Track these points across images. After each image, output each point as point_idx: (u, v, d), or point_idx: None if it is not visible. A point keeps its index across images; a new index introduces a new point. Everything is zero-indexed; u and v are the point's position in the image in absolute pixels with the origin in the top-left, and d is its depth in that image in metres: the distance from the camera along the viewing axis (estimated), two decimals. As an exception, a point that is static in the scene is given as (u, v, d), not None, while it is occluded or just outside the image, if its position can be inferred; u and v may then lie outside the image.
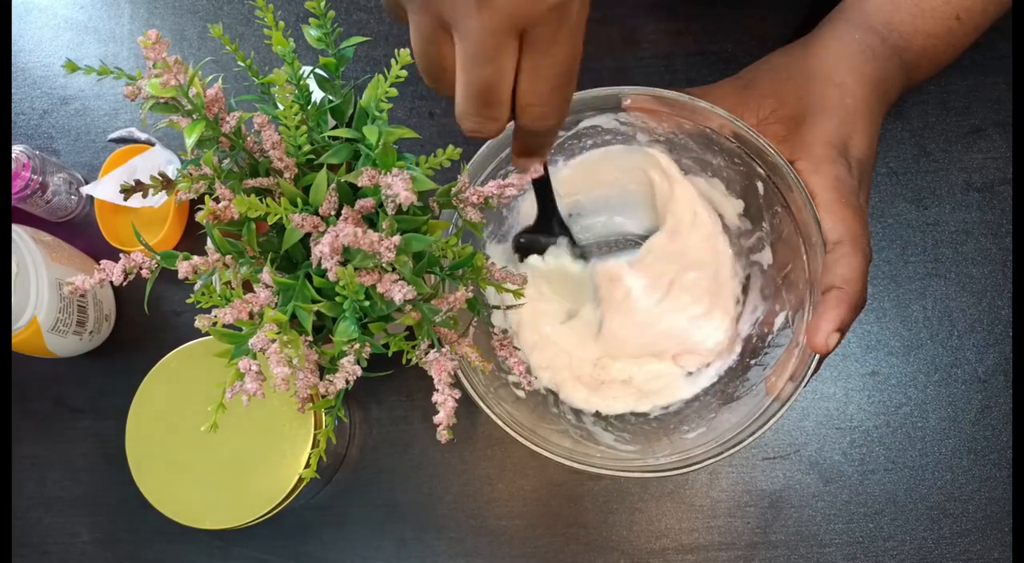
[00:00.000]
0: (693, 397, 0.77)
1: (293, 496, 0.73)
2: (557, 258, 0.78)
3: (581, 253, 0.79)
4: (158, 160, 0.87)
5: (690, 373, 0.78)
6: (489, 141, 0.68)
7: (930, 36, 0.73)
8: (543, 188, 0.70)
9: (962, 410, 0.83)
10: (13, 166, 0.84)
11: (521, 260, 0.79)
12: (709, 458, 0.64)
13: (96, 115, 0.94)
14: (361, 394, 0.86)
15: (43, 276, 0.78)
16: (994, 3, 0.74)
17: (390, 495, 0.85)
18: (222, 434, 0.73)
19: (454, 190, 0.58)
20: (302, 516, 0.85)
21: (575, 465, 0.63)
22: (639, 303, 0.78)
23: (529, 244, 0.78)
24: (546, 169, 0.64)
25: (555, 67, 0.48)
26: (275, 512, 0.73)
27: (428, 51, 0.49)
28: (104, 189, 0.86)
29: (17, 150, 0.85)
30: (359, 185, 0.54)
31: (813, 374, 0.64)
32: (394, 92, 0.56)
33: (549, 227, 0.77)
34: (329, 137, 0.60)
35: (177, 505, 0.73)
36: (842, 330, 0.62)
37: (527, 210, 0.78)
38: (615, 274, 0.78)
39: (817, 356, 0.64)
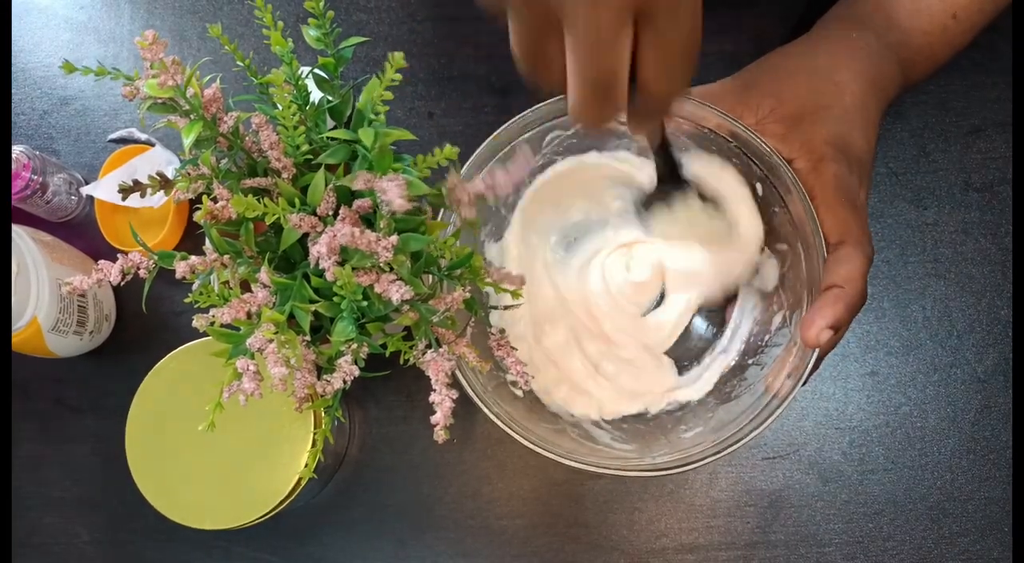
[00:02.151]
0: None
1: (293, 496, 0.73)
2: (688, 210, 0.73)
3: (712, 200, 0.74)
4: (158, 160, 0.87)
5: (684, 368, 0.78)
6: (486, 142, 0.68)
7: (927, 34, 0.73)
8: (664, 148, 0.66)
9: (961, 410, 0.83)
10: (13, 166, 0.84)
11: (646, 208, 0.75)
12: (707, 457, 0.64)
13: (96, 115, 0.94)
14: (360, 394, 0.86)
15: (43, 276, 0.78)
16: (991, 1, 0.74)
17: (390, 495, 0.85)
18: (222, 434, 0.73)
19: (445, 188, 0.58)
20: (302, 516, 0.85)
21: (573, 464, 0.63)
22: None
23: (654, 199, 0.73)
24: (663, 128, 0.63)
25: (680, 42, 0.47)
26: (275, 512, 0.73)
27: (534, 47, 0.47)
28: (104, 189, 0.86)
29: (17, 150, 0.85)
30: (354, 189, 0.54)
31: (811, 373, 0.64)
32: (389, 95, 0.56)
33: (676, 180, 0.71)
34: (327, 138, 0.60)
35: (177, 505, 0.73)
36: (837, 328, 0.62)
37: (531, 210, 0.78)
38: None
39: (815, 355, 0.63)
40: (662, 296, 0.79)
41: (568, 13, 0.43)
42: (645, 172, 0.75)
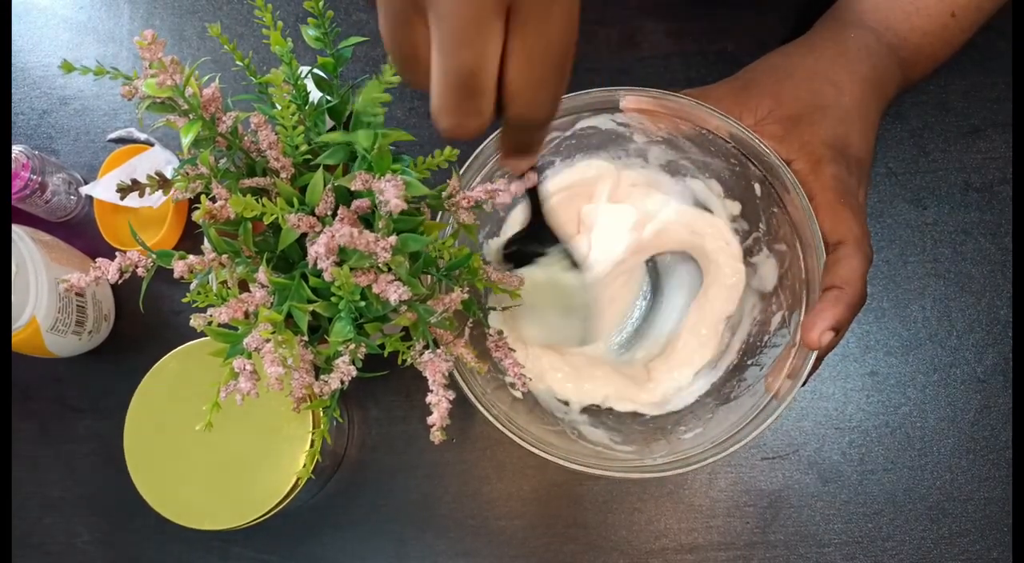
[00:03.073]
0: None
1: (292, 496, 0.73)
2: (547, 268, 0.68)
3: (574, 263, 0.69)
4: (157, 160, 0.87)
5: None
6: (486, 142, 0.67)
7: (926, 34, 0.73)
8: (533, 194, 0.62)
9: (961, 410, 0.83)
10: (12, 166, 0.84)
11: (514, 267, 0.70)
12: (706, 458, 0.64)
13: (95, 115, 0.94)
14: (359, 394, 0.86)
15: (42, 276, 0.78)
16: (989, 0, 0.74)
17: (389, 495, 0.85)
18: (221, 434, 0.73)
19: (444, 193, 0.58)
20: (301, 516, 0.85)
21: (572, 466, 0.63)
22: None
23: (520, 254, 0.69)
24: (538, 172, 0.58)
25: (549, 47, 0.43)
26: (274, 512, 0.73)
27: (399, 36, 0.43)
28: (103, 189, 0.86)
29: (16, 150, 0.85)
30: (352, 190, 0.54)
31: (811, 374, 0.64)
32: (387, 97, 0.56)
33: (541, 236, 0.66)
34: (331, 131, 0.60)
35: (176, 506, 0.73)
36: (837, 329, 0.62)
37: (516, 215, 0.78)
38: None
39: (815, 356, 0.64)
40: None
41: (431, 1, 0.40)
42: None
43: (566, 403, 0.76)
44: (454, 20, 0.40)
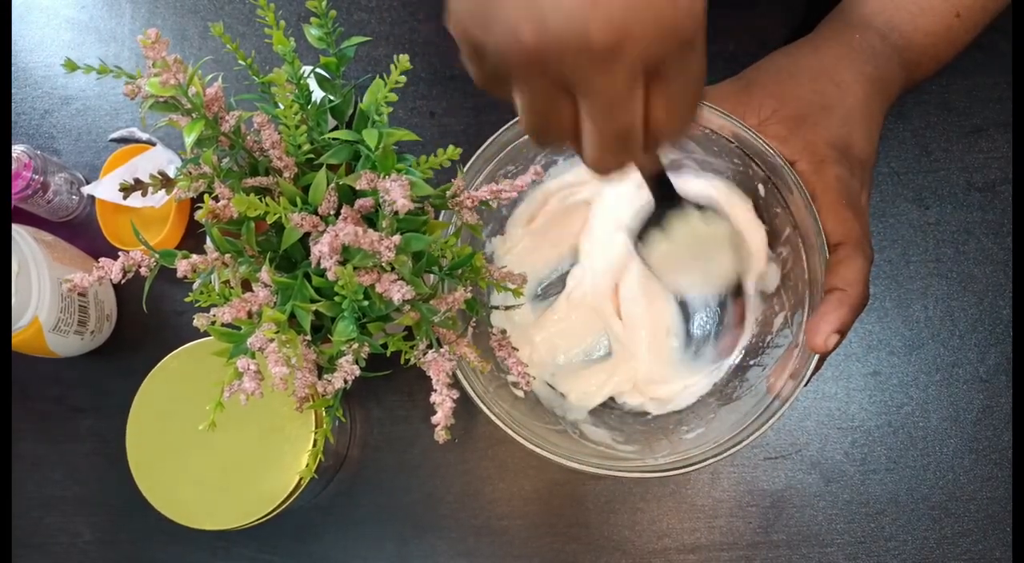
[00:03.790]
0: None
1: (294, 496, 0.73)
2: (687, 225, 0.70)
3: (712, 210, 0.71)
4: (159, 160, 0.87)
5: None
6: (487, 143, 0.68)
7: (930, 34, 0.73)
8: (659, 173, 0.64)
9: (964, 410, 0.83)
10: (14, 166, 0.84)
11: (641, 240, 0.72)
12: (708, 458, 0.64)
13: (97, 115, 0.94)
14: (362, 394, 0.86)
15: (44, 276, 0.78)
16: (994, 0, 0.74)
17: (391, 495, 0.85)
18: (223, 434, 0.73)
19: (449, 193, 0.58)
20: (303, 516, 0.85)
21: (575, 465, 0.63)
22: None
23: (649, 225, 0.70)
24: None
25: (688, 90, 0.47)
26: (276, 512, 0.73)
27: (547, 117, 0.46)
28: (105, 189, 0.86)
29: (18, 150, 0.85)
30: (357, 188, 0.54)
31: (813, 374, 0.64)
32: (394, 97, 0.56)
33: (671, 199, 0.68)
34: (330, 138, 0.60)
35: (178, 505, 0.73)
36: (842, 331, 0.62)
37: (522, 211, 0.78)
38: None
39: (817, 356, 0.63)
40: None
41: (580, 80, 0.43)
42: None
43: (563, 395, 0.76)
44: (606, 96, 0.43)
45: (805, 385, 0.64)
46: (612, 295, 0.78)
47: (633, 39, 0.40)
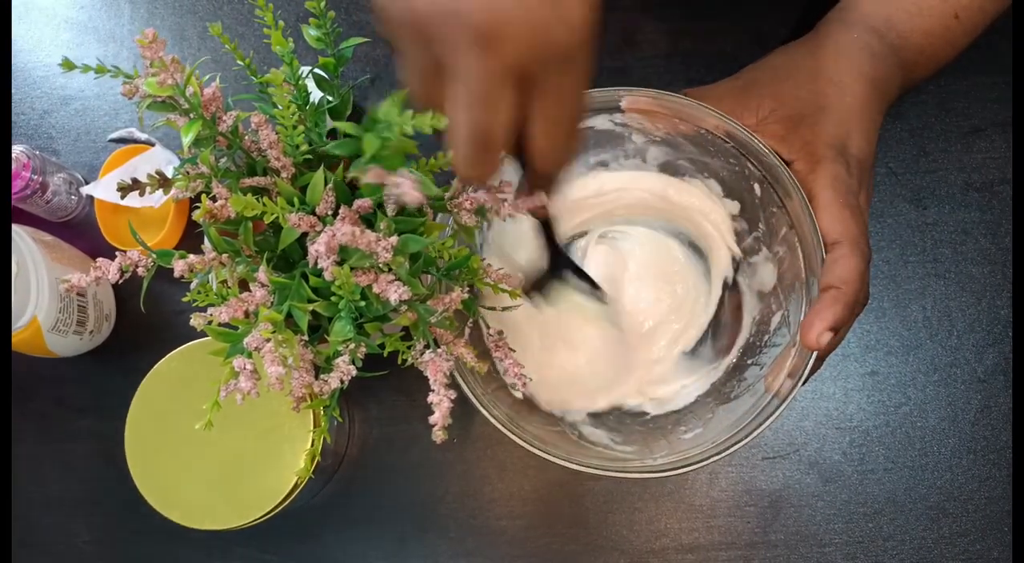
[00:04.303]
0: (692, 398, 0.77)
1: (293, 496, 0.73)
2: (567, 297, 0.70)
3: (595, 293, 0.71)
4: (158, 160, 0.87)
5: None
6: None
7: (928, 35, 0.73)
8: (546, 227, 0.64)
9: (961, 410, 0.83)
10: (13, 166, 0.84)
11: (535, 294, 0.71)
12: (707, 458, 0.64)
13: (96, 115, 0.94)
14: (360, 394, 0.86)
15: (43, 276, 0.78)
16: (992, 1, 0.73)
17: (390, 495, 0.85)
18: (222, 434, 0.73)
19: (448, 194, 0.58)
20: (303, 516, 0.85)
21: (573, 466, 0.63)
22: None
23: (539, 285, 0.69)
24: (547, 208, 0.60)
25: (567, 110, 0.48)
26: (275, 512, 0.73)
27: (422, 89, 0.47)
28: (104, 189, 0.86)
29: (17, 150, 0.85)
30: (365, 181, 0.53)
31: (811, 374, 0.64)
32: (412, 136, 0.54)
33: (556, 264, 0.67)
34: (328, 133, 0.60)
35: (177, 505, 0.73)
36: (836, 329, 0.62)
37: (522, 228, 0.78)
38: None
39: (814, 356, 0.64)
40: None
41: (451, 64, 0.44)
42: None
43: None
44: (474, 85, 0.44)
45: (803, 384, 0.64)
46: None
47: (508, 32, 0.42)
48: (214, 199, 0.55)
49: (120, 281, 0.55)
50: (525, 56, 0.43)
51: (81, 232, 0.91)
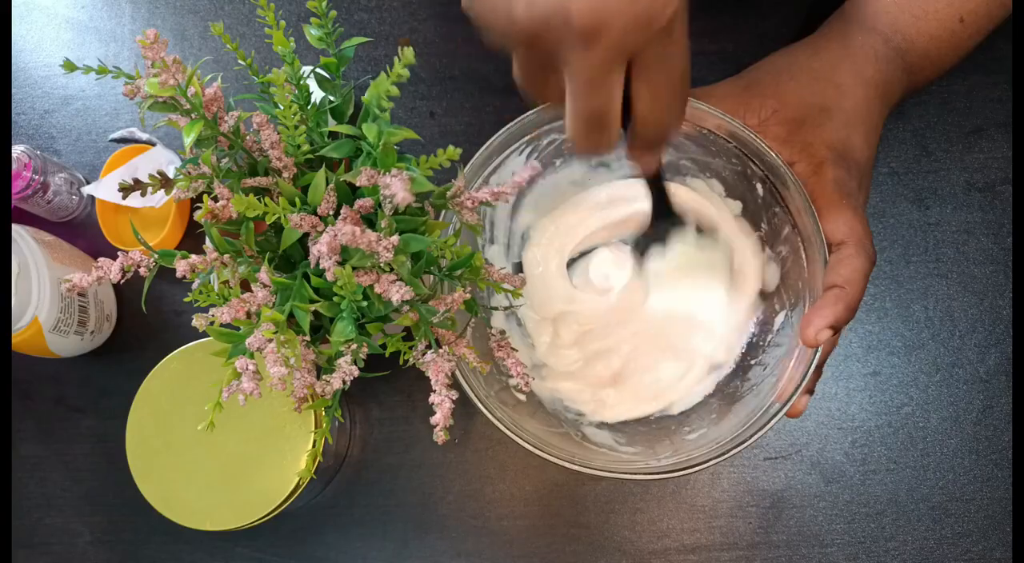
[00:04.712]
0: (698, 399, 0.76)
1: (294, 497, 0.73)
2: (683, 245, 0.74)
3: (708, 232, 0.75)
4: (159, 160, 0.87)
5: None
6: (488, 143, 0.68)
7: (933, 38, 0.73)
8: (657, 183, 0.68)
9: (964, 410, 0.83)
10: (14, 166, 0.84)
11: (642, 255, 0.75)
12: (711, 459, 0.64)
13: (97, 115, 0.94)
14: (362, 395, 0.86)
15: (44, 276, 0.78)
16: (998, 6, 0.73)
17: (392, 495, 0.85)
18: (223, 435, 0.73)
19: (450, 193, 0.58)
20: (304, 516, 0.85)
21: (576, 468, 0.63)
22: None
23: (649, 241, 0.74)
24: (660, 163, 0.65)
25: (671, 81, 0.50)
26: (276, 513, 0.73)
27: (535, 80, 0.51)
28: (105, 189, 0.86)
29: (18, 150, 0.85)
30: (358, 184, 0.53)
31: (815, 377, 0.64)
32: (396, 91, 0.56)
33: (668, 217, 0.72)
34: (329, 134, 0.60)
35: (178, 506, 0.73)
36: (835, 328, 0.62)
37: (527, 219, 0.78)
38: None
39: (817, 358, 0.63)
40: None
41: (564, 58, 0.47)
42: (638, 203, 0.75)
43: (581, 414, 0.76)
44: (584, 75, 0.47)
45: (809, 393, 0.64)
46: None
47: (610, 26, 0.44)
48: (216, 199, 0.55)
49: (121, 281, 0.55)
50: (628, 43, 0.46)
51: (82, 232, 0.91)
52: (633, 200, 0.76)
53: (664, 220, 0.72)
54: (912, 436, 0.83)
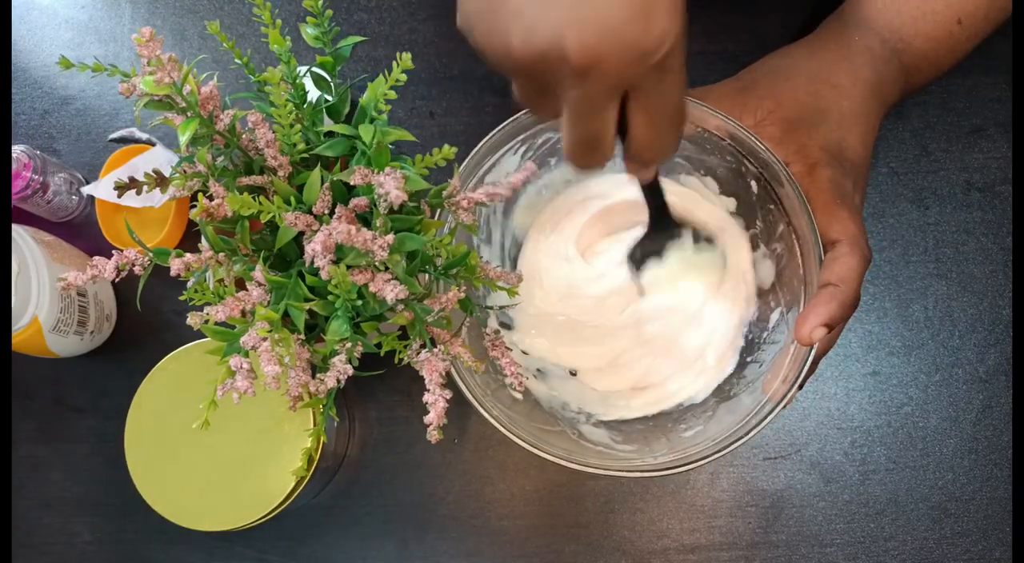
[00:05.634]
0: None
1: (293, 496, 0.73)
2: (681, 252, 0.74)
3: (705, 238, 0.74)
4: (159, 160, 0.87)
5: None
6: (483, 143, 0.68)
7: (931, 39, 0.73)
8: (654, 192, 0.67)
9: (963, 410, 0.83)
10: (14, 166, 0.84)
11: (638, 268, 0.75)
12: (707, 457, 0.64)
13: (97, 115, 0.94)
14: (361, 394, 0.86)
15: (44, 276, 0.78)
16: (996, 8, 0.73)
17: (391, 495, 0.85)
18: (221, 435, 0.73)
19: (445, 192, 0.58)
20: (303, 516, 0.85)
21: (573, 466, 0.63)
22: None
23: (646, 251, 0.74)
24: (656, 175, 0.64)
25: (666, 111, 0.51)
26: (275, 513, 0.73)
27: (534, 101, 0.51)
28: (105, 189, 0.86)
29: (18, 150, 0.85)
30: (352, 183, 0.54)
31: (809, 373, 0.64)
32: (393, 94, 0.56)
33: (666, 226, 0.72)
34: (326, 133, 0.60)
35: (177, 506, 0.73)
36: (830, 326, 0.62)
37: (522, 217, 0.78)
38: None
39: (812, 355, 0.63)
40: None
41: (560, 88, 0.47)
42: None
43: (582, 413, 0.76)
44: (579, 105, 0.48)
45: (799, 389, 0.64)
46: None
47: (605, 61, 0.44)
48: (211, 198, 0.55)
49: (118, 280, 0.55)
50: (623, 77, 0.46)
51: (82, 232, 0.91)
52: (628, 187, 0.76)
53: (661, 224, 0.72)
54: (912, 436, 0.83)
